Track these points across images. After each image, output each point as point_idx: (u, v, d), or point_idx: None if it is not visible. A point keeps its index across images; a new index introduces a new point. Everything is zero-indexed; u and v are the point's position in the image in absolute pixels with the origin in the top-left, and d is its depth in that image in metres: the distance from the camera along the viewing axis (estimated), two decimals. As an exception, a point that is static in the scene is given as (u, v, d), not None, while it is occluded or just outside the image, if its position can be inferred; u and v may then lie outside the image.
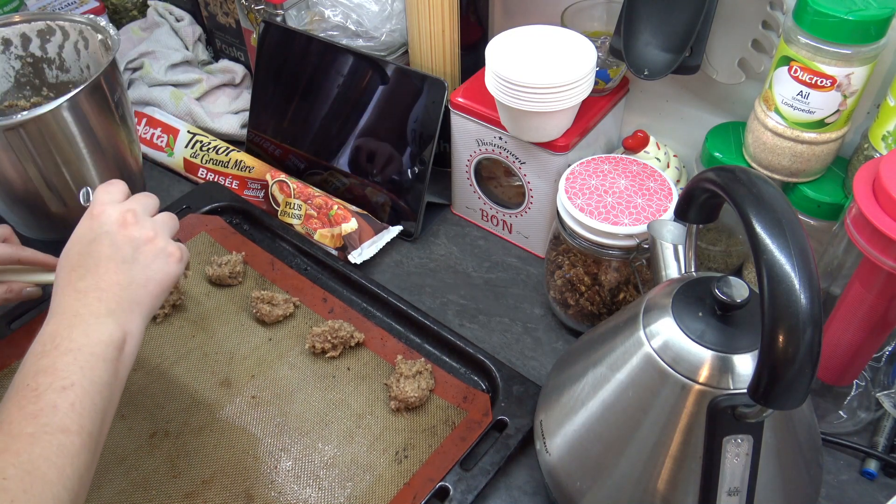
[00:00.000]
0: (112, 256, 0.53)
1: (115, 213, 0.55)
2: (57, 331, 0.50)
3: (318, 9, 0.88)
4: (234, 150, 0.94)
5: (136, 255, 0.54)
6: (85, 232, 0.55)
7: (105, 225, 0.55)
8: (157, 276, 0.55)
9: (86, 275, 0.53)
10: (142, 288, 0.54)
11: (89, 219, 0.55)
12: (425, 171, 0.82)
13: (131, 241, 0.54)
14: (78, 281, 0.52)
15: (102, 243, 0.54)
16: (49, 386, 0.47)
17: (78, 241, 0.55)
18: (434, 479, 0.62)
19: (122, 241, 0.54)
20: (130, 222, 0.55)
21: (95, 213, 0.55)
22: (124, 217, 0.55)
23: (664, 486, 0.48)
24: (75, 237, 0.55)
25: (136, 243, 0.55)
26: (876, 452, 0.64)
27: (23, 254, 0.67)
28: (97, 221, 0.55)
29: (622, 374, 0.49)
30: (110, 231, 0.54)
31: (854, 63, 0.59)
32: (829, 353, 0.62)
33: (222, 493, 0.63)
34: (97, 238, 0.54)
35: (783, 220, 0.40)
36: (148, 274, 0.54)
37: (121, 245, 0.54)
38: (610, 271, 0.69)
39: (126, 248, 0.54)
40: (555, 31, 0.72)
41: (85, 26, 0.81)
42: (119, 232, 0.54)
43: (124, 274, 0.53)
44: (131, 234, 0.55)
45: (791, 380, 0.38)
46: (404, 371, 0.69)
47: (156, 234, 0.56)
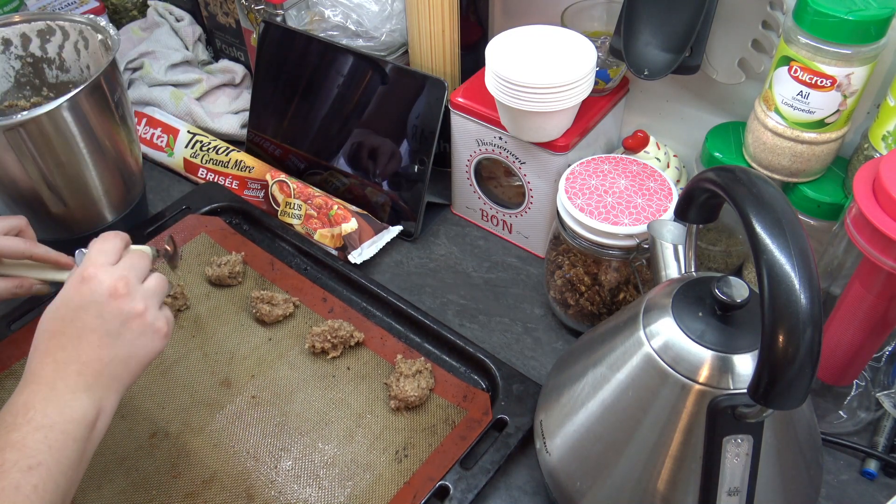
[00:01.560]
0: (97, 329, 0.51)
1: (107, 280, 0.52)
2: (31, 402, 0.48)
3: (318, 9, 0.88)
4: (234, 150, 0.94)
5: (122, 330, 0.52)
6: (72, 296, 0.52)
7: (95, 293, 0.52)
8: (140, 352, 0.53)
9: (67, 344, 0.50)
10: (123, 364, 0.52)
11: (79, 282, 0.52)
12: (425, 171, 0.83)
13: (120, 314, 0.52)
14: (58, 350, 0.50)
15: (90, 313, 0.51)
16: (15, 464, 0.45)
17: (64, 304, 0.52)
18: (434, 478, 0.62)
19: (111, 314, 0.51)
20: (122, 293, 0.52)
21: (87, 275, 0.52)
22: (116, 286, 0.52)
23: (664, 486, 0.48)
24: (62, 300, 0.52)
25: (125, 317, 0.52)
26: (876, 452, 0.64)
27: (36, 250, 0.66)
28: (87, 287, 0.52)
29: (622, 374, 0.49)
30: (99, 301, 0.51)
31: (854, 63, 0.59)
32: (829, 353, 0.62)
33: (222, 493, 0.63)
34: (85, 306, 0.51)
35: (783, 220, 0.40)
36: (132, 350, 0.52)
37: (108, 318, 0.51)
38: (610, 271, 0.69)
39: (114, 321, 0.52)
40: (555, 31, 0.72)
41: (85, 26, 0.80)
42: (108, 303, 0.52)
43: (108, 349, 0.51)
44: (121, 307, 0.52)
45: (791, 380, 0.38)
46: (404, 370, 0.69)
47: (146, 307, 0.53)
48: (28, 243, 0.65)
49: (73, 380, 0.49)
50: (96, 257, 0.54)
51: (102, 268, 0.53)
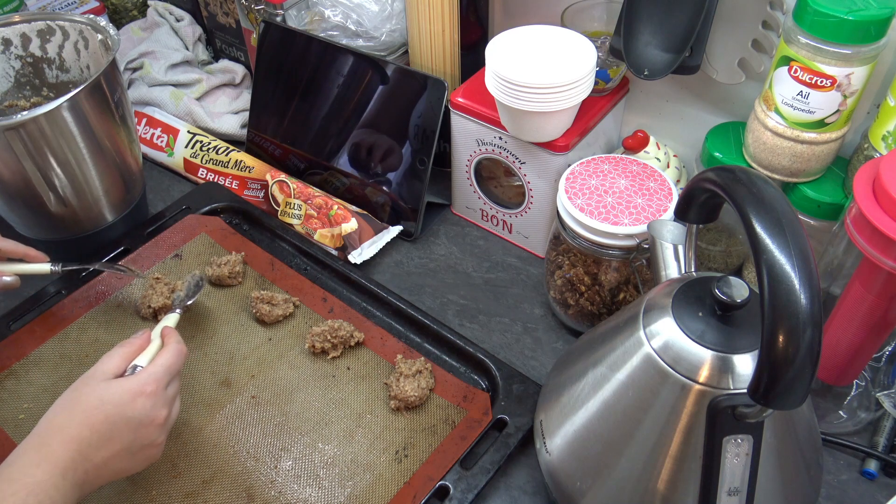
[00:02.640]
0: (125, 443, 0.54)
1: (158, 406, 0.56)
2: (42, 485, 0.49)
3: (318, 9, 0.88)
4: (234, 150, 0.94)
5: (139, 452, 0.56)
6: (127, 401, 0.55)
7: (143, 413, 0.55)
8: (133, 470, 0.56)
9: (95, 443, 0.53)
10: (116, 475, 0.55)
11: (138, 393, 0.55)
12: (425, 171, 0.82)
13: (147, 439, 0.56)
14: (87, 446, 0.52)
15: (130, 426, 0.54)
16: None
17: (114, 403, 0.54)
18: (434, 478, 0.62)
19: (141, 437, 0.55)
20: (159, 424, 0.56)
21: (147, 391, 0.56)
22: (159, 415, 0.56)
23: (664, 486, 0.48)
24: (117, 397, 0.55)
25: (148, 444, 0.56)
26: (876, 452, 0.64)
27: (2, 245, 0.68)
28: (142, 402, 0.55)
29: (622, 374, 0.49)
30: (143, 422, 0.55)
31: (854, 63, 0.59)
32: (829, 353, 0.62)
33: (222, 493, 0.63)
34: (130, 420, 0.54)
35: (783, 220, 0.40)
36: (130, 467, 0.56)
37: (138, 439, 0.55)
38: (610, 271, 0.69)
39: (139, 444, 0.55)
40: (555, 31, 0.72)
41: (85, 26, 0.80)
42: (147, 427, 0.55)
43: (119, 462, 0.54)
44: (151, 435, 0.56)
45: (791, 380, 0.38)
46: (404, 370, 0.69)
47: (164, 439, 0.58)
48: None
49: (80, 476, 0.52)
50: (162, 376, 0.57)
51: (160, 392, 0.57)
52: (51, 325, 0.75)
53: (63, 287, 0.78)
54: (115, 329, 0.76)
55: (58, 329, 0.75)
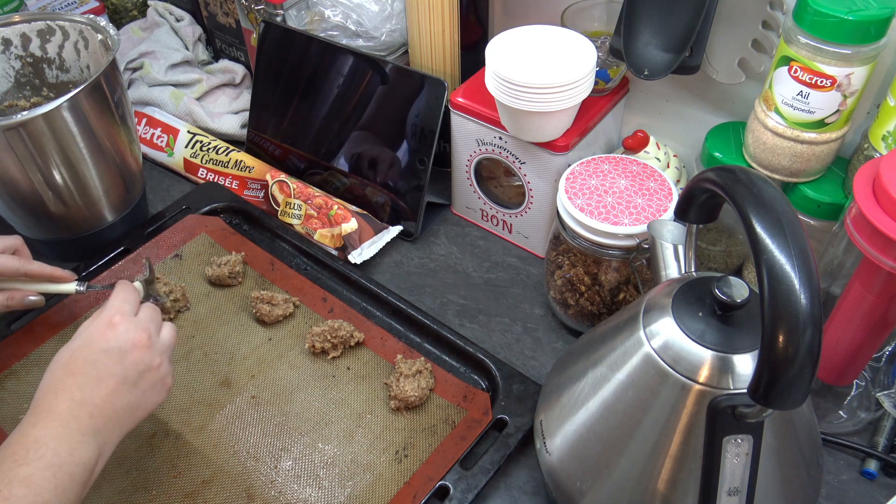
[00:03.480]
0: (117, 375, 0.53)
1: (132, 330, 0.55)
2: (43, 439, 0.49)
3: (318, 9, 0.88)
4: (234, 150, 0.94)
5: (139, 380, 0.54)
6: (97, 339, 0.54)
7: (120, 340, 0.54)
8: (147, 403, 0.55)
9: (85, 385, 0.52)
10: (130, 412, 0.54)
11: (105, 327, 0.54)
12: (425, 171, 0.82)
13: (139, 365, 0.54)
14: (76, 389, 0.51)
15: (112, 358, 0.53)
16: (22, 499, 0.46)
17: (86, 345, 0.54)
18: (434, 478, 0.62)
19: (131, 364, 0.54)
20: (144, 345, 0.55)
21: (113, 322, 0.55)
22: (140, 338, 0.55)
23: (664, 486, 0.48)
24: (84, 340, 0.54)
25: (143, 369, 0.54)
26: (876, 452, 0.64)
27: (30, 267, 0.67)
28: (112, 333, 0.54)
29: (622, 374, 0.49)
30: (123, 349, 0.54)
31: (854, 63, 0.59)
32: (829, 353, 0.62)
33: (222, 493, 0.63)
34: (108, 351, 0.53)
35: (783, 220, 0.40)
36: (141, 400, 0.54)
37: (129, 367, 0.54)
38: (610, 271, 0.69)
39: (133, 371, 0.54)
40: (555, 31, 0.72)
41: (85, 26, 0.81)
42: (131, 352, 0.54)
43: (122, 396, 0.53)
44: (142, 359, 0.54)
45: (791, 380, 0.38)
46: (404, 370, 0.69)
47: (161, 360, 0.56)
48: (22, 261, 0.67)
49: (86, 422, 0.51)
50: (121, 305, 0.56)
51: (128, 318, 0.56)
52: (51, 325, 0.75)
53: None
54: (115, 329, 0.76)
55: (58, 329, 0.75)
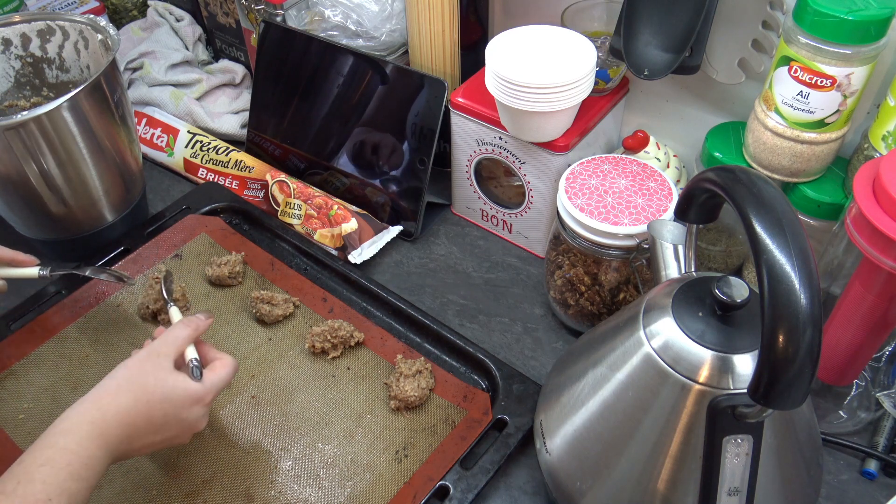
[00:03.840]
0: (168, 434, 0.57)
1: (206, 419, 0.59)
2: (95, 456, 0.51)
3: (318, 9, 0.88)
4: (234, 150, 0.94)
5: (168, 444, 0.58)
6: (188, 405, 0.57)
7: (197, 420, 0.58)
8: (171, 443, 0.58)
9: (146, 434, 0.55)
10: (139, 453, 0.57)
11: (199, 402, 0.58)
12: (425, 171, 0.82)
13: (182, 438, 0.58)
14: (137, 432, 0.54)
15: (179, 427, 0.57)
16: None
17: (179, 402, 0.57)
18: (434, 478, 0.62)
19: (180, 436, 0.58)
20: (199, 428, 0.59)
21: (207, 402, 0.58)
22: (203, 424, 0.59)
23: (664, 486, 0.48)
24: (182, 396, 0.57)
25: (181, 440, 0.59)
26: (876, 452, 0.64)
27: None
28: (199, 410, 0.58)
29: (622, 374, 0.49)
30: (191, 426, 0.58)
31: (854, 63, 0.59)
32: (829, 353, 0.62)
33: (222, 493, 0.63)
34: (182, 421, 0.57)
35: (783, 220, 0.40)
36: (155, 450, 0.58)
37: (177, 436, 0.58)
38: (610, 271, 0.69)
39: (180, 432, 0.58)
40: (555, 31, 0.72)
41: (85, 26, 0.81)
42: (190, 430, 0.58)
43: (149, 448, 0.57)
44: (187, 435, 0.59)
45: (791, 380, 0.38)
46: (404, 370, 0.69)
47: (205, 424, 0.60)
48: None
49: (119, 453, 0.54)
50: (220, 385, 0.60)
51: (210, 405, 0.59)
52: (51, 325, 0.75)
53: (63, 287, 0.78)
54: (114, 329, 0.76)
55: (58, 329, 0.75)
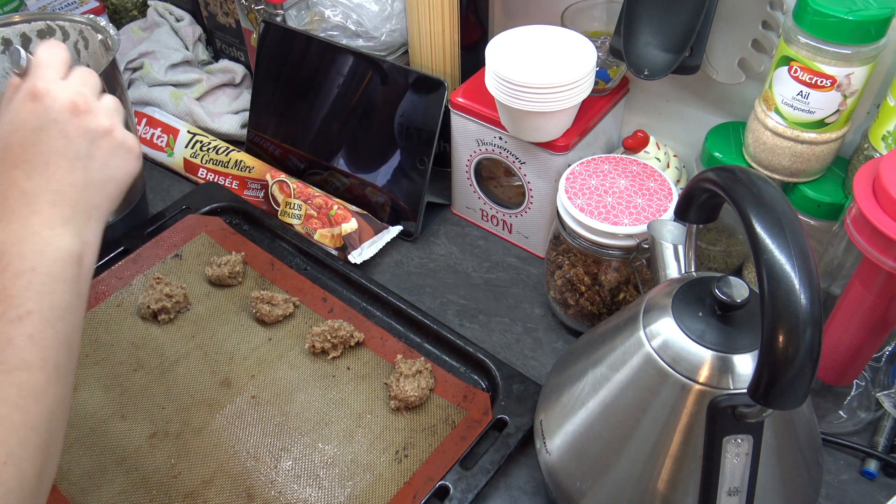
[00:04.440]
0: (64, 151, 0.45)
1: (63, 95, 0.45)
2: (4, 246, 0.42)
3: (318, 9, 0.88)
4: (234, 150, 0.94)
5: (92, 150, 0.46)
6: (27, 117, 0.45)
7: (52, 111, 0.45)
8: (116, 174, 0.47)
9: (33, 172, 0.44)
10: (100, 189, 0.46)
11: (31, 100, 0.45)
12: (425, 171, 0.82)
13: (86, 133, 0.46)
14: (25, 180, 0.43)
15: (51, 134, 0.44)
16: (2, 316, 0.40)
17: (17, 127, 0.45)
18: (434, 479, 0.62)
19: (76, 133, 0.45)
20: (83, 109, 0.46)
21: (39, 92, 0.45)
22: (75, 102, 0.46)
23: (664, 486, 0.48)
24: (12, 123, 0.45)
25: (92, 136, 0.46)
26: (876, 452, 0.64)
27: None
28: (42, 105, 0.45)
29: (622, 374, 0.49)
30: (59, 119, 0.45)
31: (854, 63, 0.59)
32: (829, 353, 0.62)
33: (222, 493, 0.63)
34: (44, 126, 0.44)
35: (783, 220, 0.40)
36: (106, 172, 0.47)
37: (74, 138, 0.45)
38: (610, 271, 0.69)
39: (81, 141, 0.45)
40: (555, 31, 0.72)
41: (85, 26, 0.81)
42: (71, 121, 0.45)
43: (80, 173, 0.45)
44: (86, 125, 0.46)
45: (791, 380, 0.38)
46: (404, 370, 0.69)
47: (112, 123, 0.47)
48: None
49: (48, 213, 0.43)
50: (45, 71, 0.46)
51: (54, 82, 0.46)
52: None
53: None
54: (114, 329, 0.76)
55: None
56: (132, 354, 0.73)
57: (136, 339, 0.75)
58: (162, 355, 0.73)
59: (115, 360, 0.73)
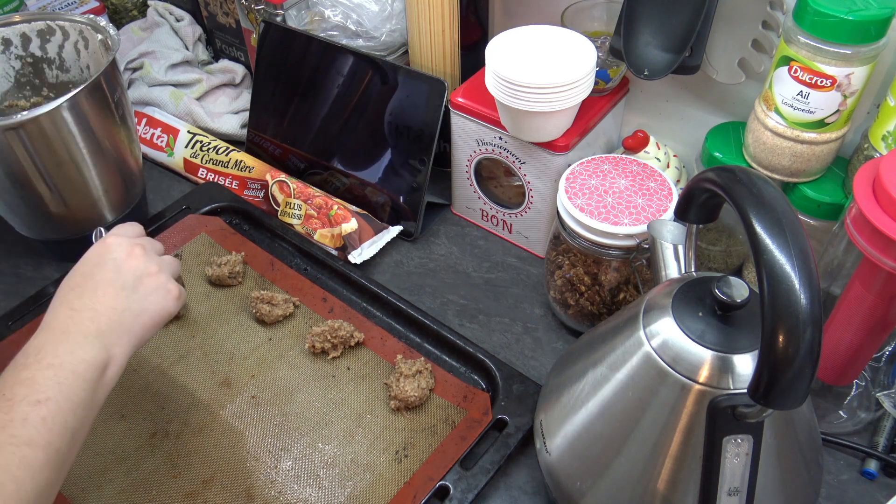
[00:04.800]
0: (113, 282, 0.55)
1: (125, 244, 0.58)
2: (43, 345, 0.51)
3: (318, 9, 0.88)
4: (234, 150, 0.94)
5: (136, 284, 0.56)
6: (92, 256, 0.57)
7: (113, 252, 0.57)
8: (153, 308, 0.56)
9: (83, 294, 0.54)
10: (136, 317, 0.55)
11: (100, 245, 0.58)
12: (425, 171, 0.82)
13: (134, 270, 0.56)
14: (75, 300, 0.54)
15: (107, 268, 0.56)
16: (24, 398, 0.47)
17: (84, 263, 0.57)
18: (434, 479, 0.62)
19: (126, 270, 0.56)
20: (138, 255, 0.57)
21: (107, 242, 0.58)
22: (132, 249, 0.57)
23: (664, 486, 0.48)
24: (82, 260, 0.57)
25: (139, 274, 0.56)
26: (876, 452, 0.64)
27: None
28: (105, 248, 0.57)
29: (622, 374, 0.49)
30: (117, 258, 0.56)
31: (854, 63, 0.59)
32: (829, 353, 0.62)
33: (222, 493, 0.63)
34: (102, 263, 0.56)
35: (783, 220, 0.40)
36: (144, 305, 0.56)
37: (124, 272, 0.56)
38: (610, 271, 0.69)
39: (128, 276, 0.56)
40: (555, 31, 0.72)
41: (85, 26, 0.81)
42: (125, 261, 0.56)
43: (121, 300, 0.55)
44: (136, 265, 0.57)
45: (791, 380, 0.38)
46: (404, 370, 0.69)
47: (159, 269, 0.58)
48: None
49: (86, 325, 0.52)
50: (118, 230, 0.60)
51: (122, 237, 0.59)
52: (51, 325, 0.75)
53: None
54: (115, 329, 0.76)
55: (58, 329, 0.75)
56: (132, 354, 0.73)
57: (136, 339, 0.75)
58: (162, 355, 0.73)
59: (115, 360, 0.73)
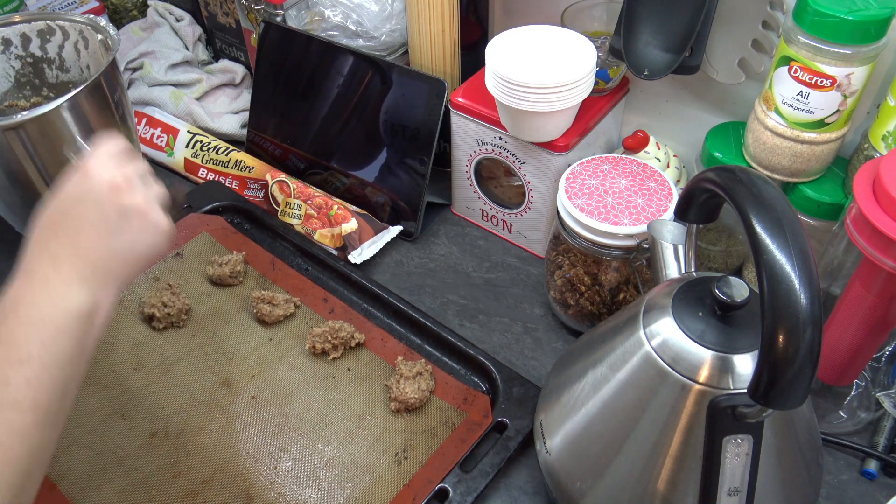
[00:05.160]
0: (96, 222, 0.48)
1: (107, 174, 0.49)
2: (21, 295, 0.45)
3: (318, 9, 0.88)
4: (234, 150, 0.94)
5: (122, 224, 0.49)
6: (72, 190, 0.49)
7: (95, 187, 0.49)
8: (140, 248, 0.50)
9: (63, 236, 0.48)
10: (121, 259, 0.49)
11: (80, 176, 0.49)
12: (425, 171, 0.82)
13: (120, 208, 0.49)
14: (53, 242, 0.48)
15: (88, 205, 0.48)
16: (4, 358, 0.43)
17: (63, 198, 0.49)
18: (434, 481, 0.62)
19: (111, 208, 0.49)
20: (123, 188, 0.49)
21: (88, 170, 0.49)
22: (117, 181, 0.49)
23: (664, 486, 0.48)
24: (61, 194, 0.49)
25: (125, 211, 0.49)
26: (876, 452, 0.64)
27: None
28: (87, 181, 0.49)
29: (622, 374, 0.49)
30: (99, 194, 0.49)
31: (854, 63, 0.59)
32: (829, 353, 0.62)
33: (222, 493, 0.63)
34: (84, 199, 0.49)
35: (783, 220, 0.40)
36: (132, 245, 0.50)
37: (108, 211, 0.49)
38: (610, 271, 0.69)
39: (113, 215, 0.49)
40: (555, 31, 0.72)
41: (85, 26, 0.81)
42: (109, 196, 0.49)
43: (106, 242, 0.48)
44: (122, 202, 0.49)
45: (791, 380, 0.38)
46: (404, 372, 0.69)
47: (148, 205, 0.51)
48: None
49: (67, 272, 0.46)
50: (100, 155, 0.51)
51: (105, 165, 0.50)
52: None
53: None
54: (115, 328, 0.76)
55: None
56: (132, 353, 0.73)
57: (136, 338, 0.75)
58: (162, 355, 0.73)
59: (115, 359, 0.73)
